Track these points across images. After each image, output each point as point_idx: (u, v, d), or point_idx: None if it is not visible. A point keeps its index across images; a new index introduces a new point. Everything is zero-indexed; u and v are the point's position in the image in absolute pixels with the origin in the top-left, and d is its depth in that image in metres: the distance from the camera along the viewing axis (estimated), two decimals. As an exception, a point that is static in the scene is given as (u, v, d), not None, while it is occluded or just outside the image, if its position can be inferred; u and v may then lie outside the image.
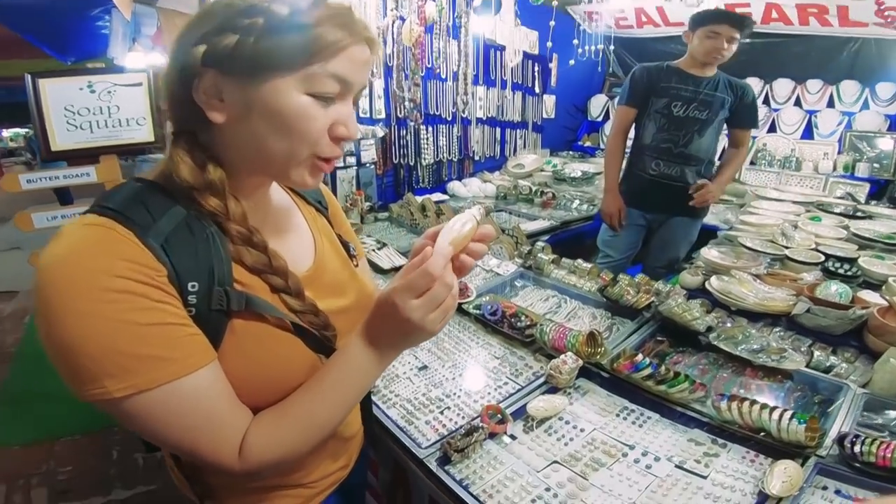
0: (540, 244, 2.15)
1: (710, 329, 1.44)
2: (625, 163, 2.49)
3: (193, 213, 0.59)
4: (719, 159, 2.63)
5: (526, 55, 3.79)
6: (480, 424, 1.03)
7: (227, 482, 0.72)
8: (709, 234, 2.47)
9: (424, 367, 1.35)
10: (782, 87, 3.61)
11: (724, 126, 2.36)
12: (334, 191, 2.99)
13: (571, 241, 2.76)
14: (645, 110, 2.33)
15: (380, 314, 0.62)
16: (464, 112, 3.22)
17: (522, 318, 1.54)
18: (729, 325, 1.50)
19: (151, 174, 0.62)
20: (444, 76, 3.34)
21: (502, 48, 3.60)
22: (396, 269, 2.15)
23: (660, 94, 2.28)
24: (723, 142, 2.79)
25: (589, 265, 1.93)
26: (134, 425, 0.54)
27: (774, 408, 1.02)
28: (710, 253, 1.92)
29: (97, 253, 0.51)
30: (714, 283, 1.70)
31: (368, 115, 3.05)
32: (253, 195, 0.68)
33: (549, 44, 3.29)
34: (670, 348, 1.47)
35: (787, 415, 1.00)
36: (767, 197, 2.80)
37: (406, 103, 2.62)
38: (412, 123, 3.24)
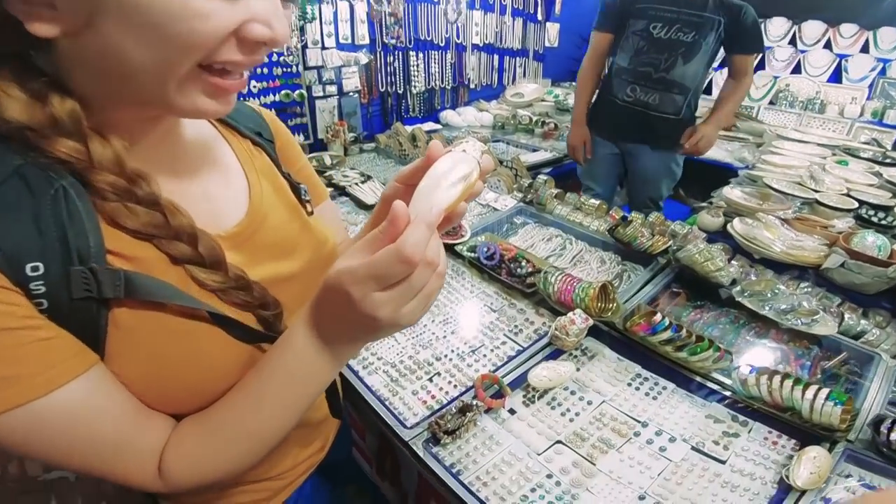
0: (542, 177, 1.96)
1: (733, 282, 1.29)
2: (600, 89, 2.28)
3: (33, 163, 0.40)
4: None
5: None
6: (474, 402, 0.89)
7: None
8: (722, 173, 2.29)
9: (411, 323, 1.20)
10: (812, 29, 3.45)
11: (720, 57, 2.10)
12: (313, 123, 2.75)
13: (576, 174, 2.55)
14: (622, 34, 2.09)
15: (330, 302, 0.44)
16: (455, 21, 2.85)
17: (523, 263, 1.38)
18: (753, 276, 1.35)
19: None
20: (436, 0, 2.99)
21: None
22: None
23: (638, 15, 2.02)
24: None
25: (597, 201, 1.75)
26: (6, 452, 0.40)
27: (808, 384, 0.89)
28: (732, 193, 1.74)
29: None
30: (737, 227, 1.53)
31: (350, 41, 2.77)
32: (145, 134, 0.49)
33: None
34: (687, 302, 1.32)
35: (823, 394, 0.87)
36: (789, 137, 2.58)
37: (386, 18, 2.29)
38: (393, 42, 2.90)
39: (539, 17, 3.79)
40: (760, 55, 2.10)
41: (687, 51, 1.96)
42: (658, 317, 1.08)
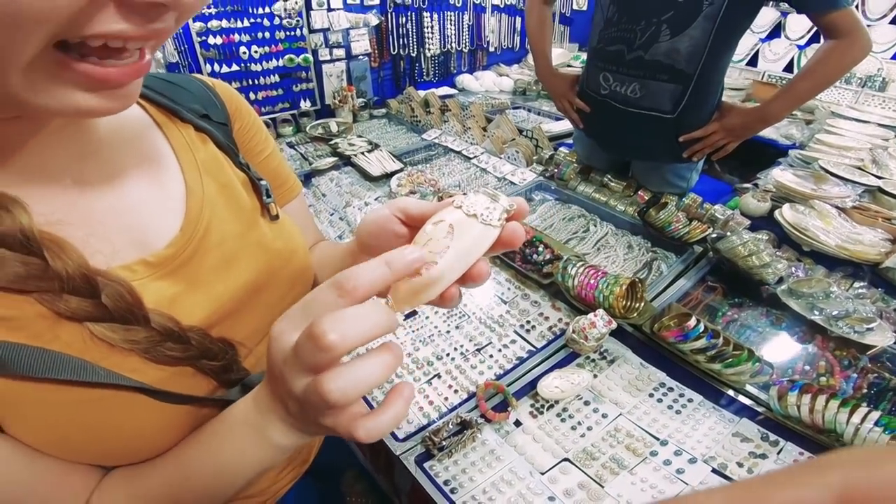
0: (564, 150, 1.86)
1: (779, 280, 1.19)
2: (581, 75, 1.70)
3: None
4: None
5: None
6: (473, 416, 0.83)
7: None
8: (764, 150, 2.12)
9: (413, 313, 1.14)
10: (879, 3, 3.12)
11: (747, 23, 1.39)
12: (320, 89, 2.68)
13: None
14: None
15: (278, 386, 0.36)
16: None
17: (540, 248, 1.29)
18: (800, 273, 1.24)
19: None
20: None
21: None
22: (388, 175, 1.88)
23: None
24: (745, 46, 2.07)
25: (624, 182, 1.64)
26: None
27: (856, 406, 0.80)
28: (783, 175, 1.61)
29: None
30: (787, 214, 1.42)
31: (359, 3, 2.68)
32: (29, 136, 0.38)
33: None
34: (724, 299, 1.23)
35: (872, 418, 0.78)
36: (845, 115, 2.39)
37: None
38: (391, 1, 2.77)
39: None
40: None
41: (676, 15, 1.33)
42: (692, 322, 0.99)
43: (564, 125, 2.42)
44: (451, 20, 3.09)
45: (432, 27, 3.02)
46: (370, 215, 0.44)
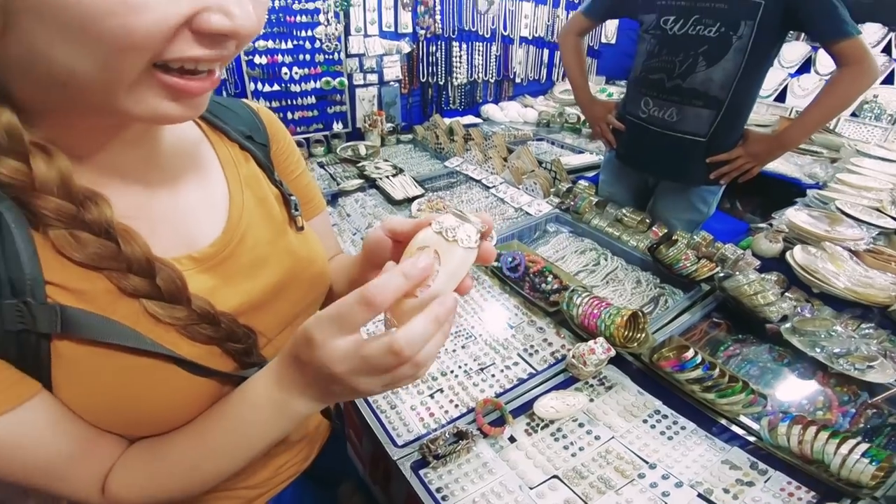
0: (583, 183, 1.94)
1: (783, 318, 1.23)
2: (621, 101, 1.93)
3: None
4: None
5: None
6: (470, 429, 0.90)
7: None
8: (787, 189, 2.15)
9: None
10: None
11: (774, 52, 1.60)
12: (352, 112, 2.84)
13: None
14: (642, 38, 1.75)
15: (309, 373, 0.45)
16: (486, 12, 2.81)
17: (549, 278, 1.37)
18: (807, 313, 1.28)
19: None
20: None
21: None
22: (409, 199, 1.99)
23: (647, 9, 1.68)
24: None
25: (639, 215, 1.70)
26: None
27: (845, 438, 0.84)
28: (797, 216, 1.65)
29: None
30: (797, 256, 1.46)
31: (393, 30, 2.82)
32: (109, 142, 0.47)
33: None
34: (727, 335, 1.27)
35: (859, 450, 0.82)
36: (871, 154, 2.40)
37: (416, 7, 2.29)
38: (422, 32, 2.92)
39: (594, 4, 3.72)
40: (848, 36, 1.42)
41: (711, 49, 1.56)
42: (690, 353, 1.05)
43: (584, 158, 2.50)
44: (479, 51, 3.23)
45: (461, 57, 3.16)
46: (370, 233, 0.53)
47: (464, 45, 3.15)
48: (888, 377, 1.06)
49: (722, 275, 1.35)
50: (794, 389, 1.09)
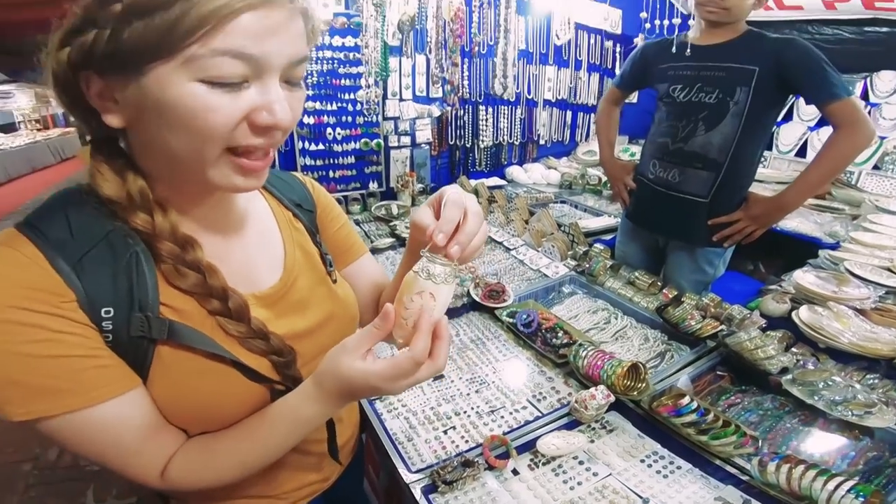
0: (598, 247, 2.08)
1: (784, 370, 1.32)
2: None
3: (119, 230, 0.59)
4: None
5: (606, 35, 3.64)
6: (477, 459, 1.02)
7: None
8: (809, 249, 2.22)
9: (440, 377, 1.36)
10: None
11: (772, 117, 1.77)
12: (387, 172, 3.10)
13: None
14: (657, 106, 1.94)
15: (349, 387, 0.61)
16: (502, 95, 3.10)
17: (560, 333, 1.50)
18: (811, 366, 1.36)
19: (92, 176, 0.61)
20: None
21: (580, 27, 3.51)
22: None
23: (660, 78, 1.86)
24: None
25: (651, 278, 1.83)
26: (50, 441, 0.59)
27: (832, 476, 0.92)
28: (804, 278, 1.74)
29: None
30: (803, 315, 1.55)
31: (424, 94, 3.10)
32: (201, 202, 0.66)
33: (643, 15, 3.09)
34: (731, 385, 1.36)
35: (846, 486, 0.90)
36: (890, 210, 2.45)
37: (443, 85, 2.56)
38: (448, 108, 3.21)
39: (617, 72, 3.95)
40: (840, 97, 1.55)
41: (710, 114, 1.72)
42: (685, 399, 1.15)
43: (602, 221, 2.65)
44: (504, 114, 3.48)
45: (487, 120, 3.42)
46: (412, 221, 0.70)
47: (490, 109, 3.40)
48: (886, 422, 1.12)
49: (725, 332, 1.45)
50: (790, 434, 1.16)
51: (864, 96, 3.13)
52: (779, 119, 3.40)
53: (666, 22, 2.94)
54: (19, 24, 3.87)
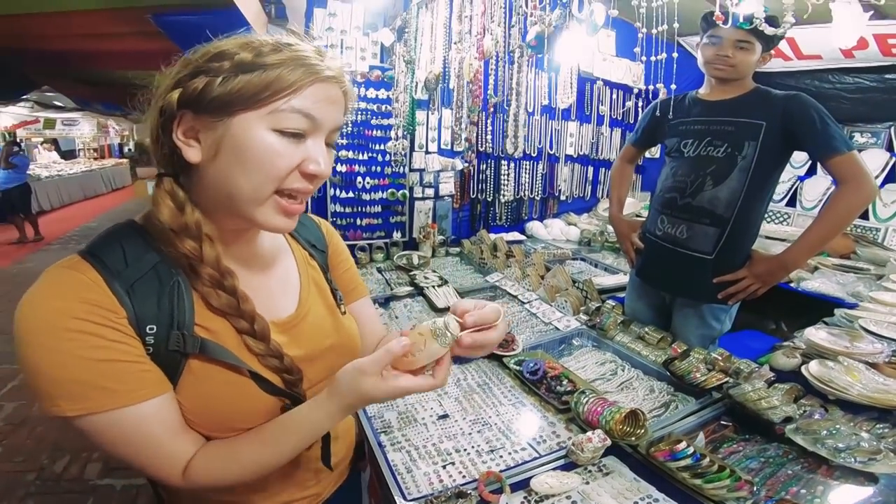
0: (610, 303, 2.16)
1: (788, 419, 1.36)
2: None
3: (165, 260, 0.71)
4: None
5: (628, 89, 3.82)
6: (471, 492, 1.09)
7: (188, 493, 0.84)
8: (828, 308, 2.24)
9: (445, 416, 1.45)
10: None
11: (776, 174, 1.83)
12: (410, 222, 3.29)
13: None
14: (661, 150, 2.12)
15: (362, 396, 0.72)
16: (513, 153, 3.25)
17: (564, 381, 1.58)
18: (817, 416, 1.39)
19: (142, 216, 0.75)
20: (530, 110, 3.51)
21: (604, 81, 3.67)
22: (449, 308, 2.27)
23: (672, 132, 1.96)
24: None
25: (660, 334, 1.89)
26: (87, 440, 0.67)
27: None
28: (816, 335, 1.78)
29: (62, 295, 0.64)
30: (813, 369, 1.59)
31: (449, 148, 3.30)
32: (237, 239, 0.80)
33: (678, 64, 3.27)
34: (734, 434, 1.40)
35: None
36: None
37: (462, 142, 2.77)
38: (466, 164, 3.41)
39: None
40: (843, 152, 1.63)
41: (718, 169, 1.79)
42: (682, 444, 1.21)
43: (617, 279, 2.74)
44: (526, 169, 3.63)
45: (508, 175, 3.57)
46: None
47: (511, 164, 3.56)
48: (891, 469, 1.15)
49: (731, 384, 1.50)
50: (791, 480, 1.19)
51: (889, 147, 3.16)
52: (802, 174, 3.50)
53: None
54: (99, 55, 4.30)
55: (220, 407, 0.75)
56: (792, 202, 3.56)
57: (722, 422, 1.45)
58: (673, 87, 1.74)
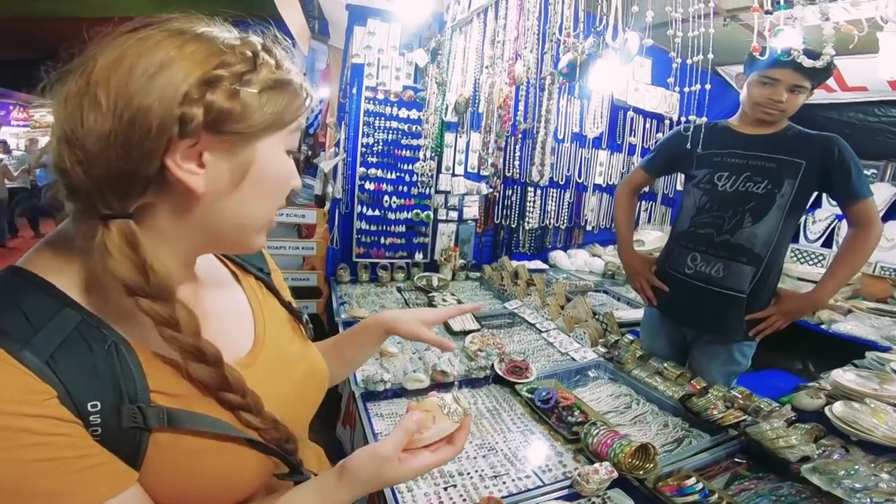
0: (629, 337, 2.17)
1: (805, 458, 1.35)
2: (660, 256, 2.16)
3: (88, 319, 0.55)
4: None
5: (661, 118, 3.82)
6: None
7: None
8: (860, 350, 2.21)
9: (452, 442, 1.48)
10: None
11: (803, 214, 1.93)
12: (432, 244, 3.35)
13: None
14: (687, 191, 2.00)
15: (384, 483, 0.70)
16: (539, 181, 3.26)
17: (576, 412, 1.60)
18: (836, 456, 1.38)
19: (30, 262, 0.57)
20: (560, 137, 3.56)
21: (636, 110, 3.74)
22: (465, 332, 2.31)
23: (700, 164, 1.93)
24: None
25: (679, 370, 1.90)
26: None
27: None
28: (843, 376, 1.76)
29: None
30: (836, 409, 1.58)
31: (476, 172, 3.36)
32: (186, 276, 0.68)
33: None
34: (748, 472, 1.40)
35: None
36: None
37: (489, 167, 2.84)
38: (491, 190, 3.46)
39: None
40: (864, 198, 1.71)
41: (757, 206, 1.79)
42: (691, 480, 1.22)
43: (638, 314, 2.69)
44: (552, 196, 3.65)
45: (534, 202, 3.59)
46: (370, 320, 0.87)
47: (538, 191, 3.59)
48: None
49: (748, 422, 1.50)
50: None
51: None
52: (840, 213, 3.43)
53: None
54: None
55: (199, 483, 0.63)
56: (828, 243, 3.53)
57: (736, 459, 1.45)
58: (703, 119, 1.74)
